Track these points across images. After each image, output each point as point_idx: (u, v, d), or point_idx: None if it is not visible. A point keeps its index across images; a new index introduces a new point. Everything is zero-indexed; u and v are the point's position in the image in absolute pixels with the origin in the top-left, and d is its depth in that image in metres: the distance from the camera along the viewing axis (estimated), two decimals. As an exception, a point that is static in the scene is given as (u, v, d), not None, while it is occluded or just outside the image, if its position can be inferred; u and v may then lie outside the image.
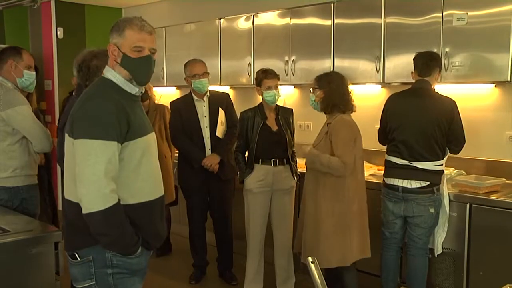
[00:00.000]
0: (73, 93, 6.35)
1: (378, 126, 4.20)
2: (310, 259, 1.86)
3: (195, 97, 4.72)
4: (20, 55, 3.73)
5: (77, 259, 2.37)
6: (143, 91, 2.55)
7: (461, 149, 3.97)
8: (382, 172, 4.15)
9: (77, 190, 2.26)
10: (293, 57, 5.36)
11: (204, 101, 4.74)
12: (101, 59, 3.03)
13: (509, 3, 3.94)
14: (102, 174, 2.24)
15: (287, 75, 5.38)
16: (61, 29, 7.54)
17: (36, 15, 7.72)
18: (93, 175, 2.23)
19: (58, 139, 3.38)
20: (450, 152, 4.01)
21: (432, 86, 3.98)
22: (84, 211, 2.24)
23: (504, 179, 4.16)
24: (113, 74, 2.44)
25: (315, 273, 1.81)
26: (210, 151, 4.68)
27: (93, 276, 2.36)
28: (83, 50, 3.21)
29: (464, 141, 3.93)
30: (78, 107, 2.34)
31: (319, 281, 1.79)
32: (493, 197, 3.90)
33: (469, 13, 4.15)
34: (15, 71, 3.68)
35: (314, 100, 3.89)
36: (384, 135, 4.15)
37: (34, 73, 3.81)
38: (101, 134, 2.24)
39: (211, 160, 4.62)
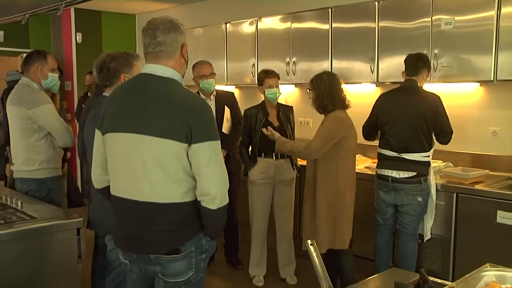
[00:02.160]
0: (88, 93, 6.52)
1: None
2: (309, 241, 1.91)
3: (202, 96, 4.71)
4: (46, 58, 3.79)
5: (180, 253, 2.28)
6: None
7: (449, 140, 3.99)
8: (376, 164, 4.18)
9: (207, 189, 2.22)
10: (294, 59, 5.40)
11: (211, 99, 4.76)
12: (119, 61, 3.10)
13: (492, 9, 3.97)
14: (226, 171, 2.30)
15: (288, 75, 5.44)
16: (80, 34, 7.67)
17: (57, 21, 7.85)
18: (224, 173, 2.28)
19: (80, 136, 3.42)
20: (440, 143, 4.03)
21: (420, 85, 4.01)
22: (217, 206, 2.24)
23: (487, 171, 4.22)
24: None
25: (314, 254, 1.87)
26: (216, 146, 4.76)
27: (193, 265, 2.33)
28: (102, 53, 3.24)
29: (451, 132, 3.95)
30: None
31: (317, 262, 1.85)
32: (478, 187, 3.94)
33: (455, 18, 4.18)
34: (40, 74, 3.74)
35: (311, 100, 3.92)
36: (369, 130, 4.20)
37: (57, 75, 3.86)
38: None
39: (218, 154, 4.70)
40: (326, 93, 3.82)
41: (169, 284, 2.34)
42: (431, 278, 2.01)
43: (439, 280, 2.01)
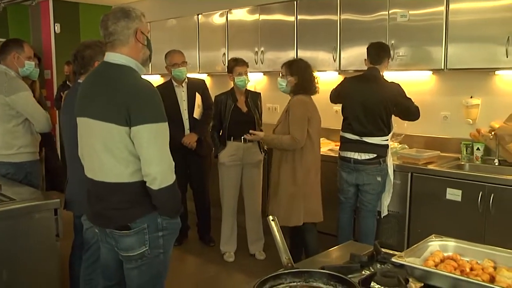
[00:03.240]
0: (67, 82, 6.40)
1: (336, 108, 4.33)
2: (270, 217, 1.93)
3: (174, 84, 4.74)
4: (22, 47, 3.70)
5: (131, 230, 2.29)
6: None
7: (418, 114, 3.99)
8: (338, 147, 4.22)
9: (147, 169, 2.20)
10: (262, 48, 5.41)
11: (183, 87, 4.75)
12: (93, 49, 3.05)
13: (441, 5, 4.05)
14: (169, 152, 2.28)
15: (256, 64, 5.43)
16: (58, 25, 7.52)
17: (36, 12, 7.70)
18: (165, 154, 2.24)
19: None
20: (412, 120, 4.08)
21: (381, 73, 4.05)
22: (158, 186, 2.21)
23: (439, 152, 4.30)
24: None
25: (275, 229, 1.88)
26: (188, 130, 4.73)
27: (147, 242, 2.31)
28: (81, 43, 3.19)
29: (417, 108, 3.97)
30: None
31: (278, 236, 1.86)
32: (430, 167, 4.01)
33: (410, 12, 4.24)
34: (17, 62, 3.66)
35: (286, 85, 3.90)
36: (335, 98, 4.25)
37: (33, 63, 3.79)
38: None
39: (190, 139, 4.68)
40: (307, 78, 3.86)
41: (124, 257, 2.39)
42: (385, 250, 2.06)
43: (390, 251, 2.06)
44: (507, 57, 3.76)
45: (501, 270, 1.66)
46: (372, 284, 1.75)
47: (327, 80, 4.96)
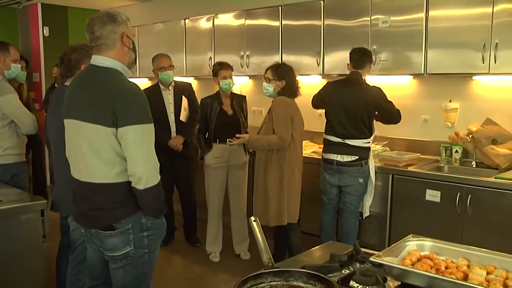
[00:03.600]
0: (55, 84, 6.35)
1: (320, 111, 4.35)
2: (252, 218, 1.95)
3: (161, 87, 4.72)
4: (8, 50, 3.68)
5: (115, 230, 2.28)
6: None
7: (399, 117, 4.02)
8: (322, 149, 4.22)
9: (132, 169, 2.21)
10: (248, 52, 5.41)
11: (169, 90, 4.74)
12: (80, 52, 3.04)
13: (421, 12, 4.08)
14: (154, 153, 2.28)
15: (242, 67, 5.44)
16: (47, 28, 7.48)
17: (24, 15, 7.64)
18: (150, 155, 2.25)
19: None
20: (393, 123, 4.10)
21: (364, 77, 4.07)
22: (144, 186, 2.22)
23: (419, 154, 4.33)
24: None
25: (257, 230, 1.90)
26: (175, 133, 4.72)
27: (131, 242, 2.31)
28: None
29: (398, 111, 4.00)
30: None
31: (259, 236, 1.88)
32: (410, 169, 4.03)
33: (391, 18, 4.27)
34: (3, 64, 3.63)
35: (273, 89, 3.90)
36: (317, 102, 4.28)
37: (20, 66, 3.76)
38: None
39: (176, 141, 4.67)
40: (293, 79, 3.90)
41: (109, 257, 2.39)
42: (365, 250, 2.07)
43: (370, 251, 2.07)
44: (483, 63, 3.80)
45: (474, 268, 1.69)
46: (351, 283, 1.77)
47: (311, 83, 5.00)
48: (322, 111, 4.27)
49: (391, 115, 4.03)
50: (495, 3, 3.73)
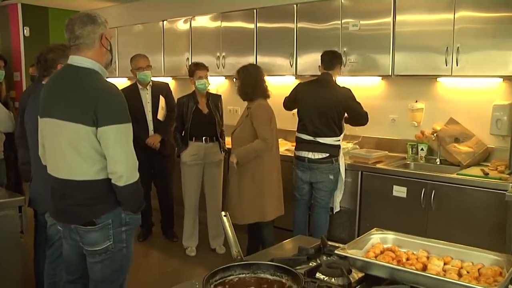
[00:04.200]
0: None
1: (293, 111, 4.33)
2: (223, 213, 1.95)
3: (139, 86, 4.68)
4: None
5: (96, 225, 2.28)
6: None
7: (366, 119, 4.06)
8: (294, 147, 4.23)
9: (113, 168, 2.21)
10: (223, 53, 5.39)
11: (147, 89, 4.70)
12: (56, 52, 3.00)
13: (389, 16, 4.13)
14: (133, 151, 2.28)
15: (218, 68, 5.43)
16: (28, 28, 7.33)
17: (4, 15, 7.47)
18: (130, 153, 2.26)
19: (19, 120, 3.28)
20: (360, 125, 4.14)
21: (334, 78, 4.09)
22: (124, 183, 2.22)
23: (387, 152, 4.39)
24: None
25: (227, 224, 1.91)
26: (152, 131, 4.68)
27: (111, 237, 2.32)
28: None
29: (365, 113, 4.03)
30: None
31: (229, 231, 1.88)
32: (379, 166, 4.08)
33: (361, 22, 4.31)
34: None
35: (237, 88, 3.92)
36: (288, 104, 4.28)
37: None
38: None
39: (154, 139, 4.64)
40: (250, 82, 3.84)
41: (88, 252, 2.37)
42: (333, 243, 2.09)
43: (336, 244, 2.09)
44: (446, 65, 3.87)
45: (433, 259, 1.72)
46: (318, 274, 1.78)
47: (284, 84, 5.01)
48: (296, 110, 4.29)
49: (359, 116, 4.06)
50: (456, 10, 3.81)
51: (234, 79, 3.98)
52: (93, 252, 2.34)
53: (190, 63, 5.01)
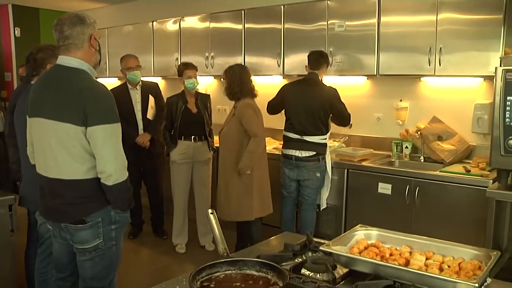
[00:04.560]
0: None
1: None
2: (210, 210, 1.92)
3: (129, 86, 4.65)
4: None
5: (86, 224, 2.27)
6: None
7: (349, 121, 4.09)
8: (282, 145, 4.22)
9: (102, 167, 2.19)
10: (212, 54, 5.38)
11: (137, 89, 4.67)
12: (45, 52, 2.98)
13: (374, 17, 4.15)
14: (122, 150, 2.27)
15: (207, 68, 5.41)
16: (18, 29, 7.27)
17: (-5, 16, 7.42)
18: (119, 153, 2.24)
19: (8, 119, 3.25)
20: (342, 125, 4.15)
21: (320, 78, 4.09)
22: (113, 182, 2.21)
23: (372, 150, 4.40)
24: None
25: (213, 222, 1.88)
26: (142, 130, 4.66)
27: (101, 234, 2.31)
28: None
29: (349, 115, 4.05)
30: None
31: (216, 228, 1.86)
32: (364, 163, 4.09)
33: (346, 23, 4.32)
34: None
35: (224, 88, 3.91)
36: (273, 108, 4.27)
37: None
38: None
39: (143, 138, 4.62)
40: (237, 82, 3.83)
41: (78, 250, 2.36)
42: (318, 240, 2.08)
43: (322, 240, 2.09)
44: (429, 65, 3.90)
45: (415, 254, 1.73)
46: (303, 270, 1.78)
47: (271, 83, 5.02)
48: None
49: (342, 116, 4.08)
50: (438, 12, 3.84)
51: (222, 79, 3.96)
52: (83, 250, 2.33)
53: (179, 63, 4.99)
